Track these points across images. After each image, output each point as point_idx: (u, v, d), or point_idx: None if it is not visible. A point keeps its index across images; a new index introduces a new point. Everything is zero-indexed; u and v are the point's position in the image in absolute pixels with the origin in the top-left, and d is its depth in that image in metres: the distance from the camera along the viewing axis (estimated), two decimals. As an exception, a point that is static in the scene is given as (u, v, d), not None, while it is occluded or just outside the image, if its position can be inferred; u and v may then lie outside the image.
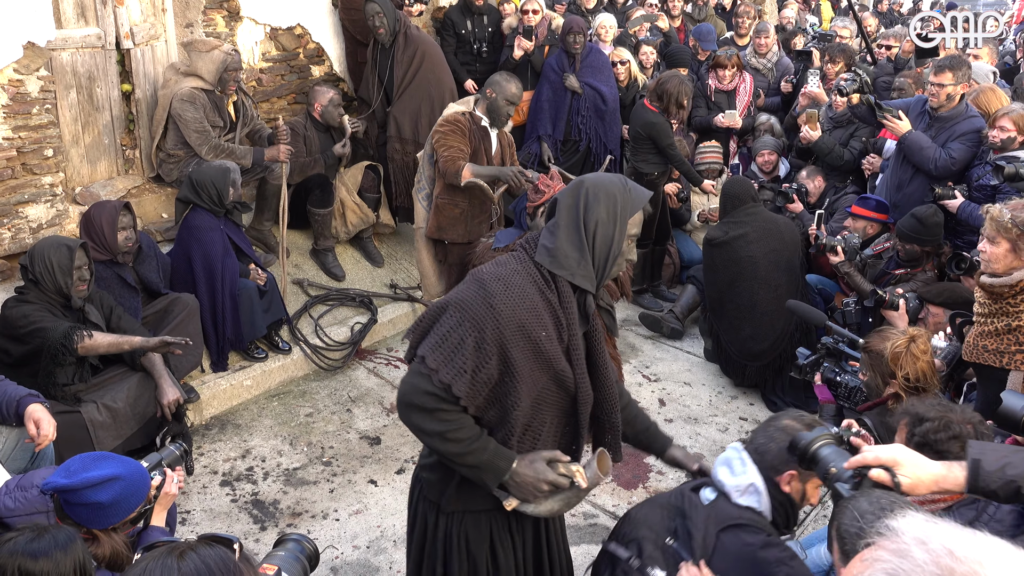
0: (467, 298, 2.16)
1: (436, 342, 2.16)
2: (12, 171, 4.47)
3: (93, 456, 2.44)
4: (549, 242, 2.22)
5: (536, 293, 2.17)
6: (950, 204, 4.72)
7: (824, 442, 2.00)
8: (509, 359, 2.14)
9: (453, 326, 2.14)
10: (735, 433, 4.77)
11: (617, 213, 2.21)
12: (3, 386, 3.21)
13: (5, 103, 4.40)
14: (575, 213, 2.21)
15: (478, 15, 6.77)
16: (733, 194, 5.21)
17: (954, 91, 4.92)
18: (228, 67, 5.13)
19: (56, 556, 2.11)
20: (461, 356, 2.12)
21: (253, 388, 4.92)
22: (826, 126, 6.01)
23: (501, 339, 2.12)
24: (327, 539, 3.80)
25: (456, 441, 2.18)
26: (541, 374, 2.20)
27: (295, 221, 5.81)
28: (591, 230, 2.20)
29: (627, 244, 2.28)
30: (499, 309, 2.12)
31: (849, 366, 3.43)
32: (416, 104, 5.72)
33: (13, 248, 4.53)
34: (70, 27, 4.86)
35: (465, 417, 2.20)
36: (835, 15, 10.70)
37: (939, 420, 2.34)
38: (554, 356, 2.19)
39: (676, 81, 5.77)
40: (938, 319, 4.25)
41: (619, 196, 2.22)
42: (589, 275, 2.22)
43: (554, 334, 2.18)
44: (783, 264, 5.08)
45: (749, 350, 5.11)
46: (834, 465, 1.93)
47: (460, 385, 2.12)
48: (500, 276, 2.17)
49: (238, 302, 4.75)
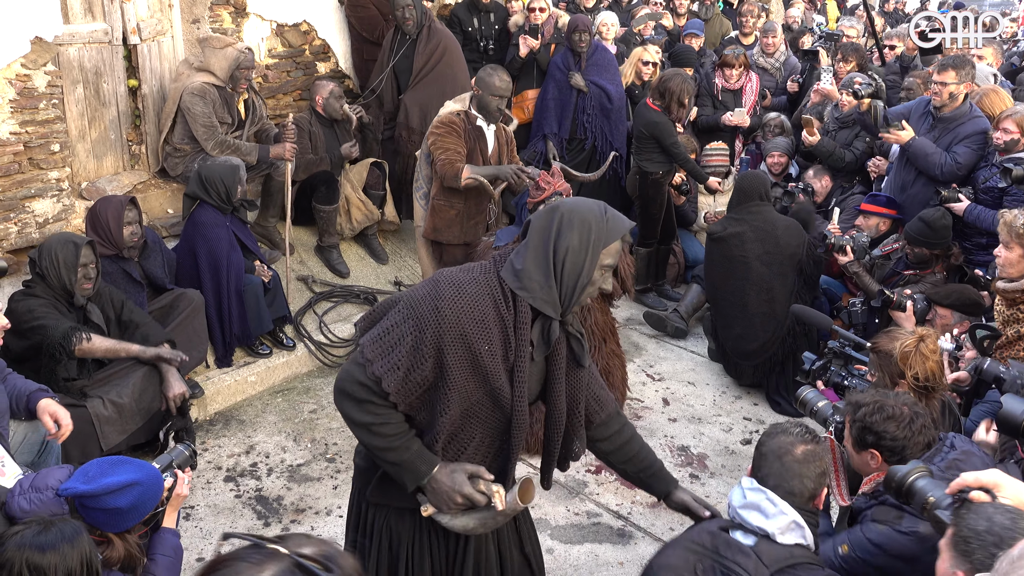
0: (418, 297, 2.16)
1: (378, 334, 2.17)
2: (19, 166, 4.48)
3: (110, 461, 2.45)
4: (517, 262, 2.18)
5: (490, 306, 2.14)
6: (956, 207, 4.71)
7: (919, 475, 1.99)
8: (444, 364, 2.12)
9: (397, 322, 2.15)
10: (739, 433, 4.77)
11: (590, 242, 2.15)
12: (13, 380, 3.22)
13: (12, 98, 4.40)
14: (546, 237, 2.16)
15: (484, 13, 6.77)
16: (743, 188, 5.22)
17: (957, 90, 4.91)
18: (241, 65, 5.15)
19: (63, 549, 2.12)
20: (398, 353, 2.13)
21: (257, 384, 4.93)
22: (832, 126, 6.00)
23: (440, 343, 2.11)
24: (330, 535, 3.81)
25: (381, 436, 2.19)
26: (476, 387, 2.17)
27: (300, 218, 5.81)
28: (560, 256, 2.15)
29: (600, 274, 2.20)
30: (444, 313, 2.10)
31: (856, 369, 3.43)
32: (428, 95, 5.72)
33: (20, 243, 4.54)
34: (77, 22, 4.86)
35: (394, 413, 2.20)
36: (841, 14, 10.68)
37: (873, 403, 2.49)
38: (492, 372, 2.16)
39: (678, 80, 5.77)
40: (946, 321, 4.24)
41: (594, 225, 2.16)
42: (552, 301, 2.17)
43: (499, 351, 2.15)
44: (776, 268, 5.04)
45: (740, 348, 5.14)
46: (932, 495, 1.93)
47: (391, 381, 2.13)
48: (456, 281, 2.15)
49: (243, 298, 4.76)
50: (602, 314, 4.55)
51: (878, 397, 2.54)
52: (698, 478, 4.35)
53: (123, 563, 2.44)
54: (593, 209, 2.20)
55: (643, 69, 6.70)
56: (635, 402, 5.01)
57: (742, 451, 4.60)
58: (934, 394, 2.99)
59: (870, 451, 2.50)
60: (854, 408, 2.53)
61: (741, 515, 2.14)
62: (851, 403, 2.58)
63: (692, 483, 4.30)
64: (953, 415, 3.10)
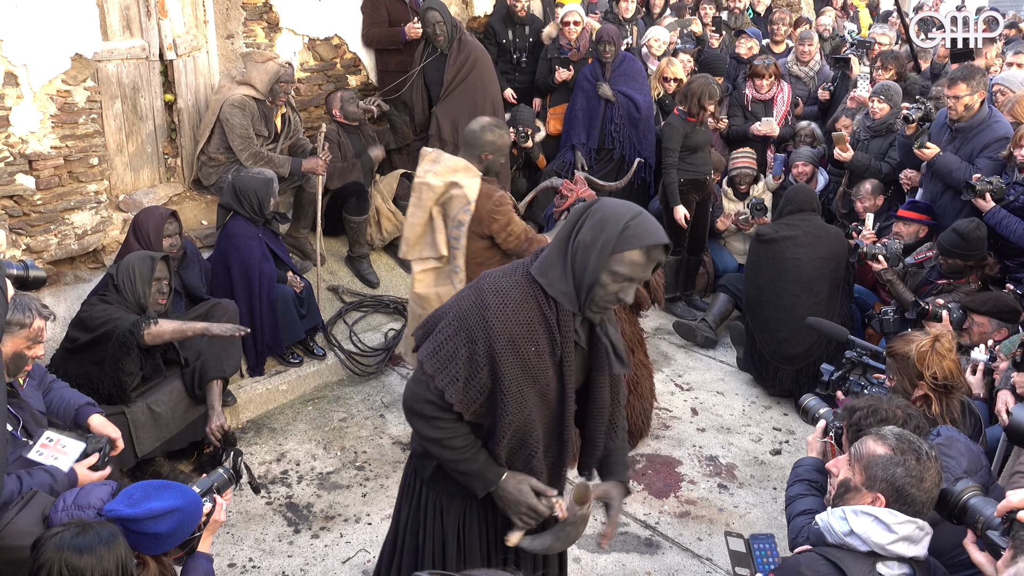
0: (465, 308, 2.22)
1: (433, 349, 2.24)
2: (59, 179, 4.61)
3: (155, 485, 2.48)
4: (545, 251, 2.27)
5: (534, 307, 2.20)
6: (981, 204, 4.63)
7: (972, 493, 2.00)
8: (499, 372, 2.19)
9: (450, 335, 2.22)
10: (768, 443, 4.74)
11: (600, 242, 2.15)
12: (60, 392, 3.28)
13: (53, 113, 4.53)
14: (569, 228, 2.22)
15: (519, 25, 6.83)
16: (796, 199, 5.27)
17: (971, 100, 4.85)
18: (281, 79, 5.27)
19: (100, 551, 2.15)
20: (455, 365, 2.20)
21: (288, 392, 5.00)
22: (863, 135, 5.94)
23: (492, 352, 2.17)
24: (359, 543, 3.85)
25: (451, 448, 2.28)
26: (529, 389, 2.23)
27: (331, 228, 5.90)
28: (575, 249, 2.19)
29: (611, 279, 2.16)
30: (492, 323, 2.16)
31: (874, 378, 3.41)
32: (459, 107, 5.77)
33: (59, 254, 4.66)
34: (116, 39, 5.00)
35: (461, 426, 2.28)
36: (873, 22, 10.57)
37: (867, 407, 2.55)
38: (540, 371, 2.22)
39: (701, 82, 5.79)
40: (983, 329, 4.19)
41: (610, 227, 2.14)
42: (568, 293, 2.19)
43: (546, 348, 2.21)
44: (828, 274, 5.07)
45: (784, 353, 5.09)
46: (983, 515, 1.93)
47: (453, 392, 2.20)
48: (499, 288, 2.21)
49: (275, 308, 4.84)
50: (630, 325, 4.55)
51: (872, 401, 2.61)
52: (727, 488, 4.32)
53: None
54: (618, 212, 2.18)
55: (667, 86, 6.68)
56: (664, 412, 4.99)
57: (771, 461, 4.56)
58: (954, 393, 2.99)
59: None
60: (849, 412, 2.60)
61: (891, 550, 2.09)
62: (847, 408, 2.64)
63: (721, 493, 4.27)
64: (973, 415, 3.07)
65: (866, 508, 2.11)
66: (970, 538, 1.94)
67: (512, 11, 6.78)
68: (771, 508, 4.16)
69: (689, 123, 5.83)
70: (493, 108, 5.86)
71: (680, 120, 5.84)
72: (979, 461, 2.57)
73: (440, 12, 5.73)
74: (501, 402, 2.21)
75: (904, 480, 2.09)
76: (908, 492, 2.08)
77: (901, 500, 2.09)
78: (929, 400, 2.97)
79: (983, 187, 4.60)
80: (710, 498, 4.24)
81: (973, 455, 2.56)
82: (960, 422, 2.95)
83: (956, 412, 2.99)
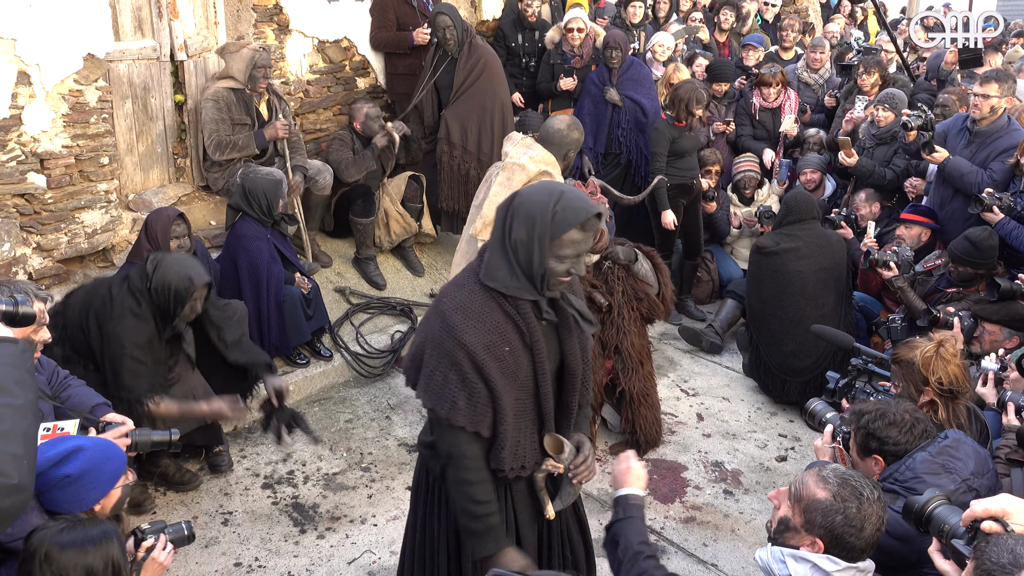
0: (436, 334, 2.29)
1: (425, 384, 2.33)
2: (70, 178, 4.63)
3: (52, 441, 2.40)
4: (487, 255, 2.32)
5: (495, 309, 2.28)
6: (989, 217, 4.63)
7: (937, 503, 2.00)
8: (489, 380, 2.26)
9: (434, 366, 2.29)
10: (774, 450, 4.74)
11: (536, 235, 2.20)
12: (76, 390, 3.29)
13: (65, 112, 4.55)
14: (501, 230, 2.27)
15: (529, 30, 6.85)
16: (795, 208, 5.15)
17: (998, 104, 4.86)
18: (257, 64, 5.19)
19: (86, 548, 2.13)
20: (449, 390, 2.27)
21: (295, 393, 5.00)
22: (868, 143, 5.95)
23: (476, 364, 2.25)
24: (365, 543, 3.86)
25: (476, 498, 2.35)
26: (512, 387, 2.31)
27: (338, 230, 5.92)
28: (513, 248, 2.24)
29: (560, 262, 2.23)
30: (464, 339, 2.23)
31: (880, 385, 3.42)
32: (468, 111, 5.79)
33: (69, 252, 4.69)
34: (128, 39, 5.02)
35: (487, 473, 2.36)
36: (881, 29, 10.58)
37: (876, 411, 2.60)
38: (517, 367, 2.30)
39: (688, 87, 5.81)
40: (994, 337, 4.18)
41: (539, 218, 2.20)
42: (525, 287, 2.26)
43: (517, 343, 2.29)
44: (832, 284, 5.04)
45: (790, 365, 5.06)
46: (948, 523, 1.94)
47: (457, 416, 2.28)
48: (459, 305, 2.27)
49: (283, 309, 4.86)
50: (639, 337, 4.54)
51: (880, 405, 2.64)
52: (732, 494, 4.32)
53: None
54: (541, 200, 2.23)
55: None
56: (669, 417, 4.99)
57: (777, 468, 4.56)
58: (960, 399, 3.00)
59: (874, 457, 2.60)
60: (857, 416, 2.64)
61: None
62: (854, 412, 2.67)
63: (726, 499, 4.27)
64: (979, 421, 3.08)
65: (805, 554, 2.11)
66: (935, 546, 1.96)
67: (522, 15, 6.80)
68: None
69: (676, 128, 5.85)
70: (503, 112, 5.87)
71: (667, 125, 5.86)
72: (986, 464, 2.58)
73: (451, 17, 5.75)
74: (499, 408, 2.29)
75: (843, 528, 2.09)
76: (847, 540, 2.09)
77: (839, 547, 2.11)
78: (935, 406, 2.98)
79: (992, 201, 4.61)
80: (715, 504, 4.24)
81: (980, 458, 2.57)
82: (966, 428, 2.96)
83: (962, 417, 3.00)
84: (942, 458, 2.49)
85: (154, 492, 4.14)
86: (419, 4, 6.28)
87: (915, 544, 2.31)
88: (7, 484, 1.41)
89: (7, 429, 1.45)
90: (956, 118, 5.25)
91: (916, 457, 2.51)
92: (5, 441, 1.43)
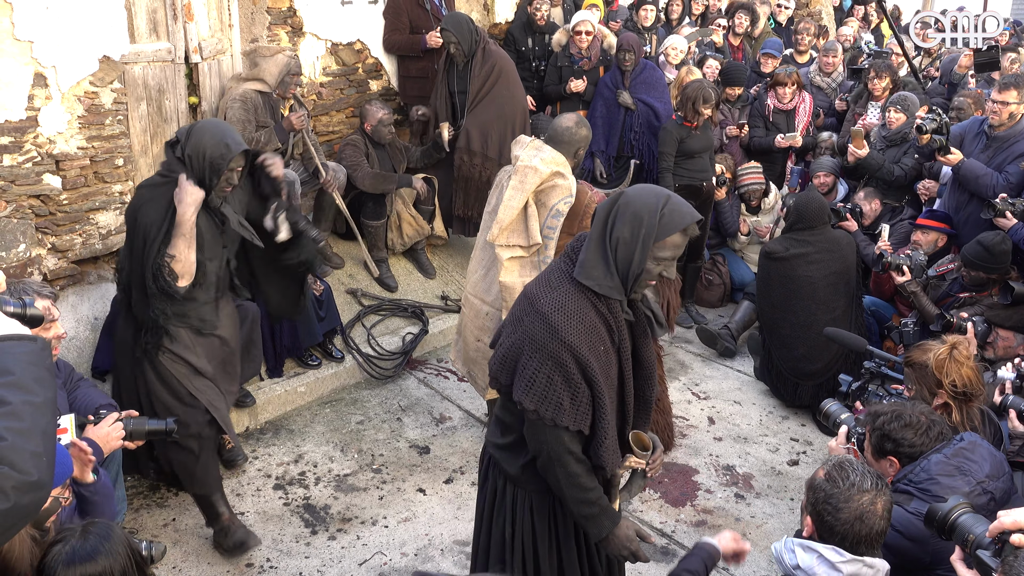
0: (538, 336, 2.31)
1: (527, 385, 2.33)
2: (85, 179, 4.66)
3: None
4: (583, 254, 2.35)
5: (590, 310, 2.32)
6: (1002, 223, 4.60)
7: (962, 511, 1.99)
8: (591, 378, 2.31)
9: (536, 367, 2.32)
10: (785, 454, 4.72)
11: (640, 235, 2.27)
12: (86, 391, 3.32)
13: (80, 114, 4.58)
14: (603, 228, 2.33)
15: (539, 34, 6.85)
16: (806, 212, 5.06)
17: (1016, 110, 4.84)
18: (291, 71, 5.30)
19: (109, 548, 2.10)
20: (554, 392, 2.30)
21: (307, 395, 5.02)
22: (879, 145, 5.93)
23: (580, 364, 2.29)
24: (376, 545, 3.87)
25: (582, 488, 2.41)
26: (607, 384, 2.36)
27: (350, 232, 5.93)
28: (614, 246, 2.30)
29: (657, 264, 2.31)
30: (569, 340, 2.27)
31: (893, 389, 3.40)
32: (488, 119, 5.76)
33: (84, 253, 4.71)
34: (143, 42, 5.05)
35: (587, 464, 2.41)
36: (895, 32, 10.53)
37: (891, 412, 2.61)
38: (609, 364, 2.36)
39: (695, 86, 5.80)
40: (1008, 343, 4.16)
41: (646, 219, 2.26)
42: (616, 286, 2.32)
43: (608, 343, 2.35)
44: (842, 288, 5.02)
45: (802, 369, 5.04)
46: (972, 533, 1.93)
47: (563, 417, 2.32)
48: (559, 305, 2.31)
49: (295, 310, 4.87)
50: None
51: (896, 407, 2.65)
52: (743, 498, 4.30)
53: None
54: (649, 202, 2.29)
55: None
56: (680, 420, 4.98)
57: (789, 472, 4.54)
58: (973, 401, 2.98)
59: (888, 458, 2.60)
60: (873, 417, 2.64)
61: None
62: (870, 413, 2.69)
63: (738, 503, 4.26)
64: (993, 424, 3.07)
65: (813, 544, 2.14)
66: (958, 555, 1.94)
67: (532, 19, 6.80)
68: (788, 519, 4.14)
69: (685, 128, 5.84)
70: (523, 116, 5.85)
71: (676, 125, 5.85)
72: (1002, 467, 2.57)
73: (454, 32, 5.66)
74: (601, 404, 2.34)
75: (822, 507, 2.14)
76: (824, 519, 2.14)
77: (821, 525, 2.16)
78: (949, 409, 2.97)
79: (1004, 207, 4.58)
80: (727, 507, 4.23)
81: (996, 460, 2.56)
82: (980, 431, 2.94)
83: (976, 420, 2.99)
84: (957, 460, 2.48)
85: (167, 491, 4.16)
86: (432, 7, 6.29)
87: (929, 546, 2.31)
88: (27, 481, 1.43)
89: (27, 427, 1.46)
90: (973, 121, 5.22)
91: (931, 459, 2.51)
92: (25, 439, 1.45)
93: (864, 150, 5.70)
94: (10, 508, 1.40)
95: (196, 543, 3.84)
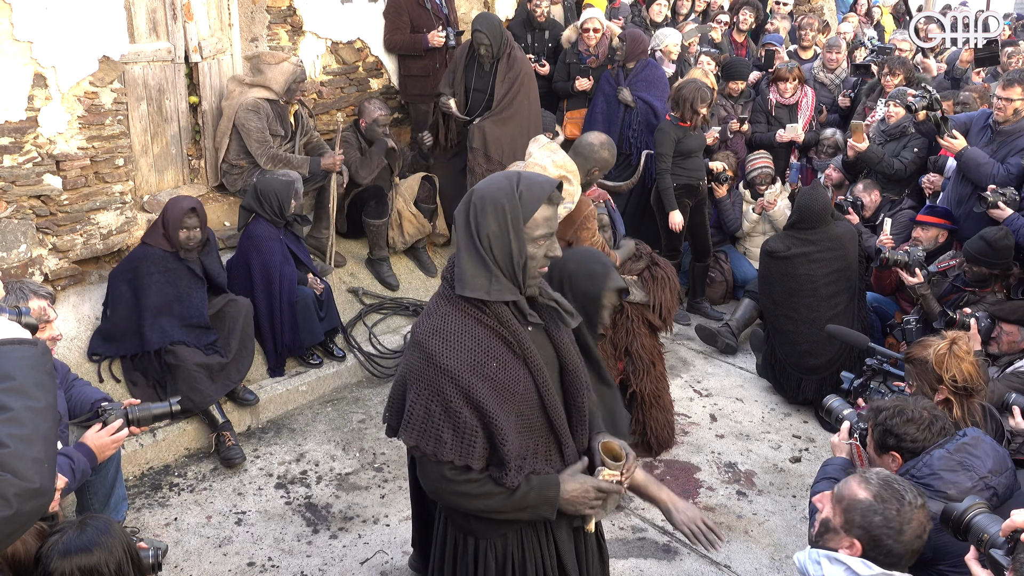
0: (415, 366, 2.16)
1: (406, 420, 2.17)
2: (85, 179, 4.66)
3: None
4: (458, 267, 2.17)
5: (474, 325, 2.15)
6: (997, 214, 4.58)
7: (977, 511, 1.98)
8: (478, 404, 2.11)
9: (413, 399, 2.15)
10: (788, 451, 4.71)
11: (508, 222, 2.11)
12: (81, 389, 3.32)
13: (81, 114, 4.59)
14: (469, 231, 2.15)
15: (539, 30, 6.85)
16: (811, 210, 4.97)
17: (1021, 106, 4.82)
18: (297, 78, 5.34)
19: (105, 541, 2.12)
20: (432, 424, 2.12)
21: (308, 393, 5.02)
22: (879, 139, 5.92)
23: (462, 390, 2.10)
24: (377, 543, 3.87)
25: (497, 501, 2.18)
26: (511, 403, 2.17)
27: (352, 230, 5.93)
28: (487, 246, 2.12)
29: (539, 245, 2.16)
30: (445, 364, 2.10)
31: (895, 386, 3.40)
32: (511, 128, 5.71)
33: (84, 253, 4.72)
34: (143, 41, 5.05)
35: (480, 478, 2.18)
36: (897, 29, 10.50)
37: (894, 408, 2.60)
38: (511, 379, 2.16)
39: (692, 87, 5.78)
40: (1012, 337, 4.15)
41: (507, 203, 2.12)
42: (506, 287, 2.15)
43: (507, 355, 2.16)
44: (843, 285, 5.01)
45: (805, 364, 5.04)
46: (987, 532, 1.92)
47: (444, 450, 2.12)
48: (435, 330, 2.15)
49: (295, 310, 4.87)
50: (649, 338, 4.52)
51: (898, 402, 2.65)
52: (745, 495, 4.30)
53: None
54: (502, 186, 2.15)
55: None
56: (682, 418, 4.97)
57: (791, 469, 4.53)
58: (974, 396, 2.98)
59: (891, 453, 2.60)
60: (875, 413, 2.64)
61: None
62: (872, 408, 2.68)
63: (740, 500, 4.25)
64: (995, 420, 3.06)
65: (841, 556, 2.08)
66: (972, 554, 1.93)
67: (532, 16, 6.79)
68: (790, 516, 4.14)
69: (681, 128, 5.82)
70: (537, 126, 5.83)
71: (672, 125, 5.83)
72: (1004, 463, 2.56)
73: (488, 35, 5.64)
74: (497, 430, 2.13)
75: (881, 530, 2.06)
76: (884, 543, 2.06)
77: (877, 549, 2.07)
78: (950, 404, 2.97)
79: (995, 198, 4.57)
80: (729, 505, 4.22)
81: (999, 456, 2.55)
82: (982, 426, 2.94)
83: (977, 415, 2.98)
84: (960, 455, 2.48)
85: (168, 492, 4.17)
86: (433, 6, 6.28)
87: (930, 541, 2.30)
88: (29, 488, 1.42)
89: (28, 433, 1.45)
90: (980, 113, 5.23)
91: (934, 454, 2.50)
92: (26, 445, 1.44)
93: (864, 144, 5.70)
94: (12, 515, 1.40)
95: (197, 542, 3.85)
